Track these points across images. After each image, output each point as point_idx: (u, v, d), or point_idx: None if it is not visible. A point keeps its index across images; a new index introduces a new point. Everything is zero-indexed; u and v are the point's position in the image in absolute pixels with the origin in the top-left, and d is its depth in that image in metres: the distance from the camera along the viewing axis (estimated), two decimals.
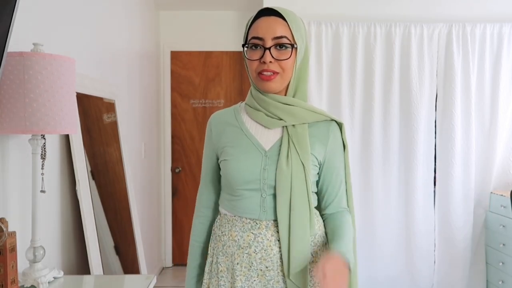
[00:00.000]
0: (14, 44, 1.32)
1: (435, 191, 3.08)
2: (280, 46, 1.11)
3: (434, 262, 3.10)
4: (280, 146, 1.14)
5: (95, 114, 2.22)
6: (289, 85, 1.17)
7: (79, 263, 1.99)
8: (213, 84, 3.99)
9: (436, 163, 3.07)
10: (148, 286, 1.43)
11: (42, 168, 1.39)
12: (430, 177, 3.05)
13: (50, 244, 1.72)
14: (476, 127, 3.00)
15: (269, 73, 1.11)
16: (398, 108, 3.01)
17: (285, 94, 1.18)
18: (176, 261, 4.07)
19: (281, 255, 1.13)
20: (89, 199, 1.91)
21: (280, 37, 1.10)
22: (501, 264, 2.83)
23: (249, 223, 1.15)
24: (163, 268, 4.00)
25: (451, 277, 3.05)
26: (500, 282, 2.84)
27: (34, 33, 1.59)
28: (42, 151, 1.39)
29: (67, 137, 1.86)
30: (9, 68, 1.23)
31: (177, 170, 4.00)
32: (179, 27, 3.93)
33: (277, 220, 1.12)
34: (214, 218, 1.30)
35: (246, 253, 1.14)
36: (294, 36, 1.12)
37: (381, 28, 2.97)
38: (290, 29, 1.11)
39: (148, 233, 3.37)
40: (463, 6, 3.06)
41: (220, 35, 3.90)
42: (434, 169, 3.06)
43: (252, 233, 1.14)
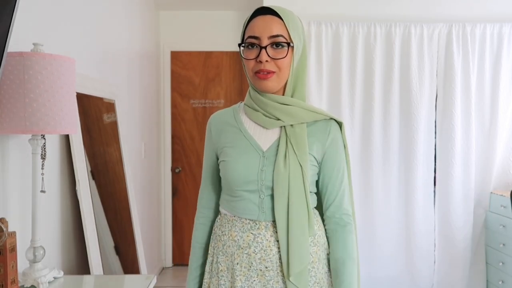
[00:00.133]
0: (14, 44, 1.32)
1: (435, 191, 3.08)
2: (277, 45, 1.10)
3: (434, 262, 3.10)
4: (278, 146, 1.14)
5: (95, 114, 2.22)
6: (286, 84, 1.16)
7: (79, 263, 1.99)
8: (213, 84, 3.99)
9: (436, 163, 3.07)
10: (148, 286, 1.43)
11: (42, 168, 1.39)
12: (430, 177, 3.05)
13: (50, 244, 1.72)
14: (476, 127, 3.00)
15: (266, 72, 1.10)
16: (398, 108, 3.01)
17: (283, 94, 1.17)
18: (176, 261, 4.07)
19: (280, 255, 1.12)
20: (89, 199, 1.91)
21: (276, 35, 1.09)
22: (501, 264, 2.83)
23: (249, 223, 1.15)
24: (163, 268, 4.00)
25: (451, 277, 3.05)
26: (500, 282, 2.84)
27: (34, 33, 1.59)
28: (42, 151, 1.39)
29: (67, 137, 1.86)
30: (9, 68, 1.23)
31: (177, 170, 4.00)
32: (179, 27, 3.92)
33: (275, 221, 1.12)
34: (215, 219, 1.29)
35: (246, 253, 1.14)
36: (290, 35, 1.11)
37: (381, 28, 2.97)
38: (286, 28, 1.10)
39: (148, 233, 3.37)
40: (463, 6, 3.06)
41: (220, 35, 3.90)
42: (434, 169, 3.06)
43: (251, 233, 1.14)
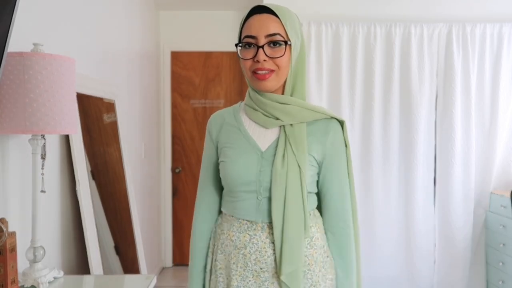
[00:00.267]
0: (14, 44, 1.32)
1: (435, 191, 3.08)
2: (274, 43, 1.09)
3: (434, 262, 3.10)
4: (277, 146, 1.13)
5: (95, 114, 2.22)
6: (286, 83, 1.14)
7: (79, 263, 1.99)
8: (213, 84, 3.99)
9: (436, 163, 3.07)
10: (148, 286, 1.43)
11: (42, 168, 1.39)
12: (430, 177, 3.05)
13: (50, 244, 1.72)
14: (476, 127, 3.00)
15: (264, 71, 1.09)
16: (398, 108, 3.01)
17: (283, 93, 1.16)
18: (176, 261, 4.07)
19: (275, 257, 1.12)
20: (89, 199, 1.90)
21: (273, 34, 1.08)
22: (501, 264, 2.83)
23: (246, 224, 1.15)
24: (163, 268, 4.00)
25: (451, 277, 3.04)
26: (500, 282, 2.83)
27: (34, 33, 1.59)
28: (42, 151, 1.39)
29: (67, 137, 1.86)
30: (9, 68, 1.23)
31: (177, 170, 4.00)
32: (179, 27, 3.92)
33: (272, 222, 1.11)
34: (215, 221, 1.27)
35: (242, 253, 1.14)
36: (287, 33, 1.09)
37: (381, 28, 2.97)
38: (283, 26, 1.09)
39: (148, 233, 3.37)
40: (463, 6, 3.06)
41: (220, 35, 3.90)
42: (434, 169, 3.06)
43: (248, 234, 1.14)
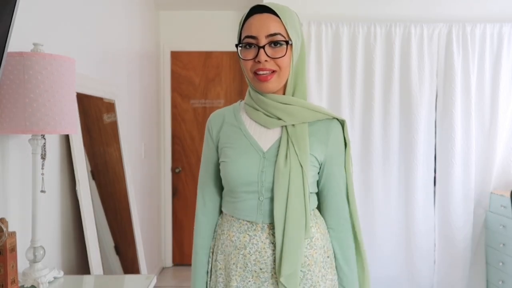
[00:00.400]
0: (14, 44, 1.32)
1: (435, 191, 3.08)
2: (275, 43, 1.07)
3: (434, 262, 3.10)
4: (279, 146, 1.12)
5: (95, 114, 2.21)
6: (287, 83, 1.14)
7: (79, 263, 1.99)
8: (213, 84, 3.99)
9: (436, 163, 3.07)
10: (148, 286, 1.43)
11: (42, 168, 1.39)
12: (430, 177, 3.05)
13: (50, 244, 1.72)
14: (476, 127, 3.00)
15: (266, 72, 1.08)
16: (398, 108, 3.01)
17: (284, 93, 1.15)
18: (176, 261, 4.07)
19: (274, 258, 1.11)
20: (89, 199, 1.90)
21: (274, 34, 1.07)
22: (501, 264, 2.83)
23: (246, 224, 1.14)
24: (163, 268, 4.00)
25: (451, 277, 3.04)
26: (500, 282, 2.83)
27: (34, 33, 1.59)
28: (42, 151, 1.39)
29: (67, 137, 1.86)
30: (9, 68, 1.23)
31: (177, 170, 4.00)
32: (179, 27, 3.92)
33: (273, 223, 1.10)
34: (217, 220, 1.26)
35: (242, 254, 1.13)
36: (288, 32, 1.08)
37: (381, 28, 2.97)
38: (284, 25, 1.08)
39: (148, 233, 3.37)
40: (463, 6, 3.06)
41: (220, 35, 3.90)
42: (434, 169, 3.06)
43: (248, 234, 1.13)
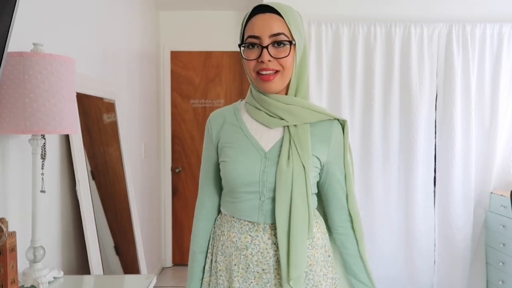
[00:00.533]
0: (14, 44, 1.32)
1: (435, 191, 3.08)
2: (278, 43, 1.07)
3: (434, 262, 3.10)
4: (281, 146, 1.11)
5: (95, 114, 2.21)
6: (290, 83, 1.13)
7: (79, 263, 1.99)
8: (213, 84, 3.99)
9: (436, 163, 3.07)
10: (148, 286, 1.43)
11: (42, 168, 1.39)
12: (430, 177, 3.05)
13: (50, 244, 1.71)
14: (476, 127, 3.00)
15: (269, 72, 1.08)
16: (398, 108, 3.01)
17: (286, 93, 1.14)
18: (176, 261, 4.07)
19: (277, 258, 1.10)
20: (89, 199, 1.90)
21: (277, 34, 1.06)
22: (501, 264, 2.83)
23: (247, 225, 1.14)
24: (163, 268, 4.00)
25: (451, 277, 3.05)
26: (500, 282, 2.83)
27: (34, 33, 1.59)
28: (42, 151, 1.39)
29: (67, 137, 1.86)
30: (9, 68, 1.23)
31: (177, 170, 4.00)
32: (179, 27, 3.92)
33: (275, 223, 1.09)
34: (216, 220, 1.26)
35: (243, 255, 1.13)
36: (292, 32, 1.08)
37: (381, 28, 2.97)
38: (287, 25, 1.07)
39: (148, 233, 3.37)
40: (463, 6, 3.06)
41: (220, 35, 3.90)
42: (434, 169, 3.06)
43: (249, 235, 1.13)
